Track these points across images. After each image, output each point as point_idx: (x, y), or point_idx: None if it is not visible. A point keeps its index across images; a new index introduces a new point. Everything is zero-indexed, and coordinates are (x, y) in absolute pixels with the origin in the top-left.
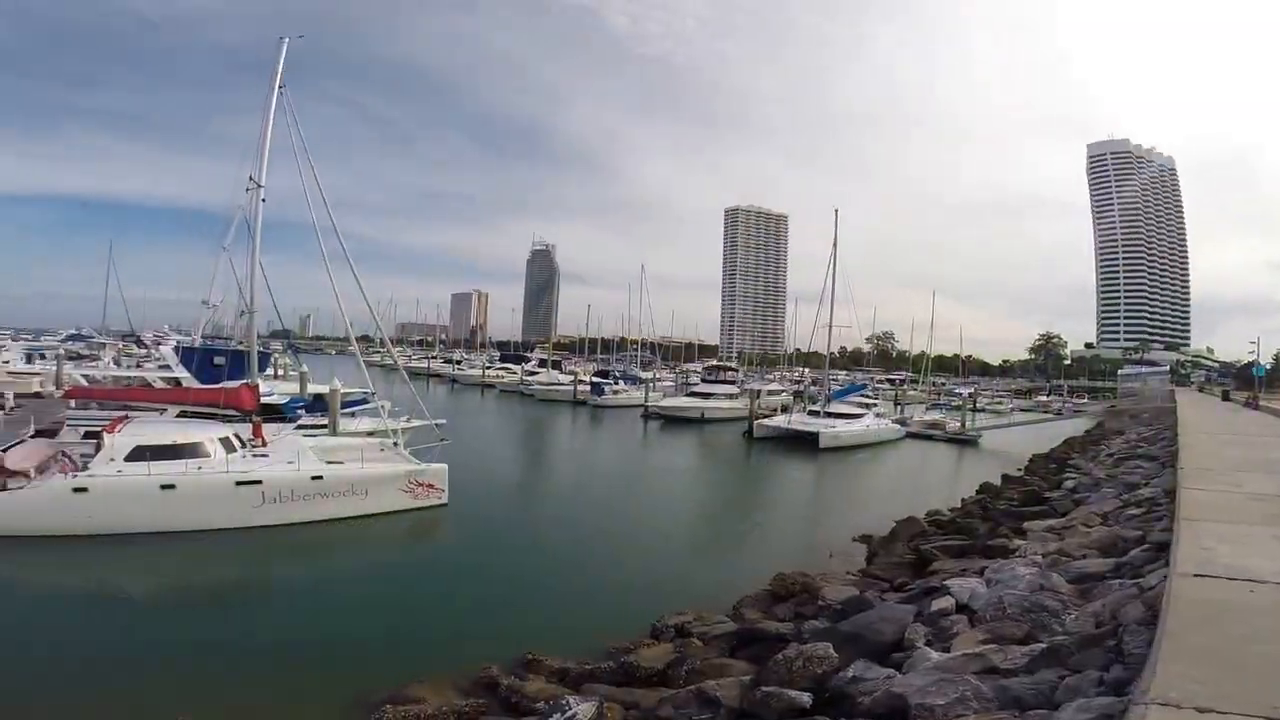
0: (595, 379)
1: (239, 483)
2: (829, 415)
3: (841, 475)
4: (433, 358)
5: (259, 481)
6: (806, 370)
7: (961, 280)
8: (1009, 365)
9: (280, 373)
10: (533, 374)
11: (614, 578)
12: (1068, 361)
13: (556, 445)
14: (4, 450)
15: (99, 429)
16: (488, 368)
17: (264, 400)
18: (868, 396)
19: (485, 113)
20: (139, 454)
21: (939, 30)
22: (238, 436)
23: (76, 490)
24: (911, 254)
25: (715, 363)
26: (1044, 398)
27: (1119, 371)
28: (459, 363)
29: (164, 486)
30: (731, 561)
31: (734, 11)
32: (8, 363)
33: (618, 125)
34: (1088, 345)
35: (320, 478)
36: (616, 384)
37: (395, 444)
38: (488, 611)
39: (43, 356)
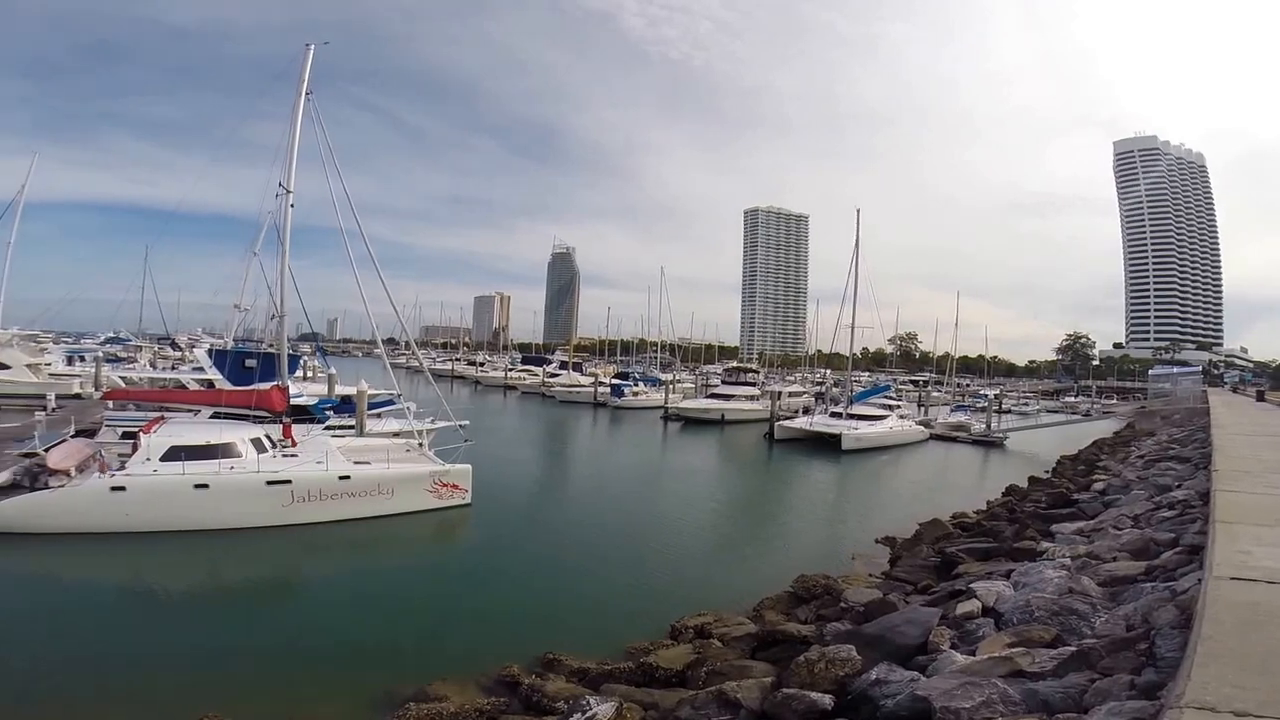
0: (615, 381)
1: (269, 482)
2: (851, 417)
3: (864, 477)
4: (456, 360)
5: (289, 481)
6: (828, 372)
7: (986, 280)
8: (1035, 366)
9: (309, 375)
10: (554, 376)
11: (633, 578)
12: (1096, 362)
13: (577, 446)
14: (46, 450)
15: (136, 429)
16: (510, 370)
17: (293, 401)
18: (891, 398)
19: (506, 117)
20: (174, 454)
21: (957, 28)
22: (268, 437)
23: (114, 489)
24: (935, 253)
25: (736, 364)
26: (1071, 399)
27: (1149, 372)
28: (482, 365)
29: (198, 486)
30: (752, 563)
31: (750, 12)
32: (50, 365)
33: (637, 128)
34: (1116, 345)
35: (348, 478)
36: (636, 386)
37: (420, 445)
38: (509, 611)
39: (82, 359)
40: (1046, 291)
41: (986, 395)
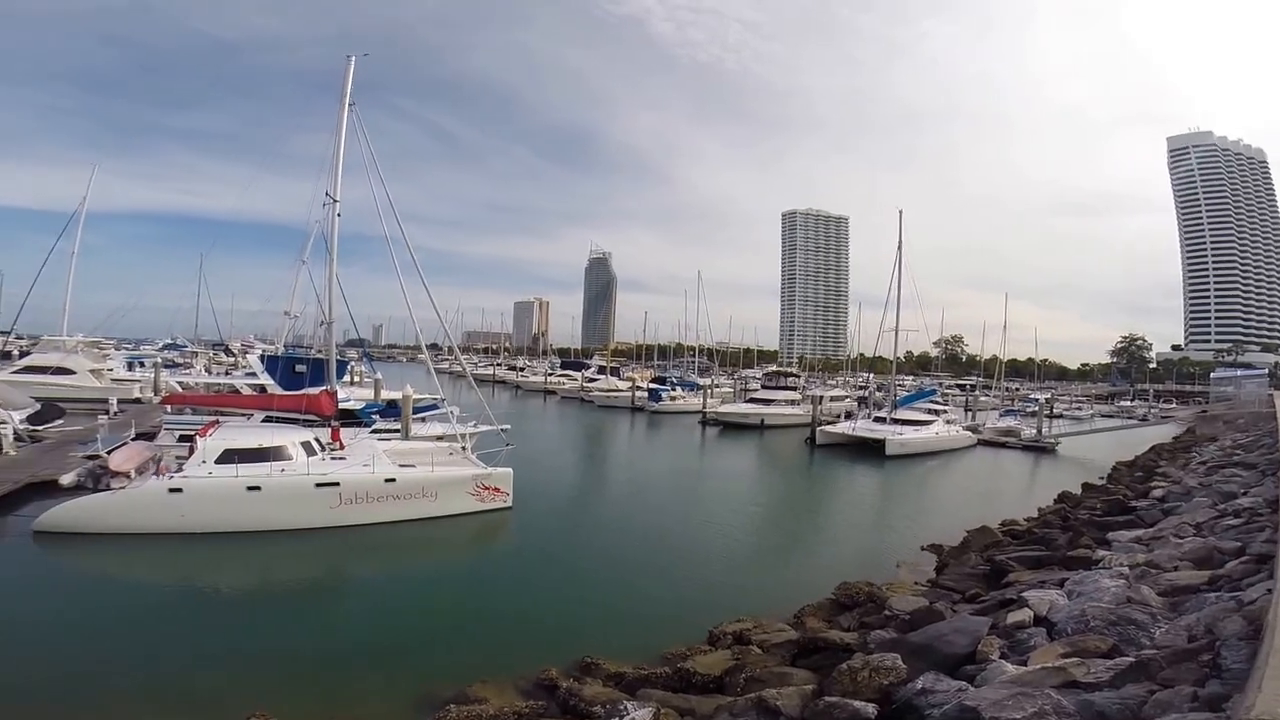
0: (652, 386)
1: (319, 484)
2: (896, 422)
3: (909, 483)
4: (497, 365)
5: (337, 483)
6: (871, 376)
7: (1034, 281)
8: (1088, 369)
9: (356, 379)
10: (592, 381)
11: (672, 583)
12: (1153, 365)
13: (615, 451)
14: (108, 452)
15: (192, 433)
16: (549, 374)
17: (341, 406)
18: (937, 403)
19: (541, 124)
20: (228, 457)
21: (997, 25)
22: (317, 440)
23: (172, 491)
24: (979, 254)
25: (776, 368)
26: (1127, 403)
27: (1211, 375)
28: (522, 370)
29: (250, 488)
30: (792, 569)
31: (780, 13)
32: (112, 370)
33: (671, 132)
34: (1175, 348)
35: (393, 480)
36: (674, 390)
37: (463, 448)
38: (548, 613)
39: (142, 364)
40: (1099, 293)
41: (1037, 399)
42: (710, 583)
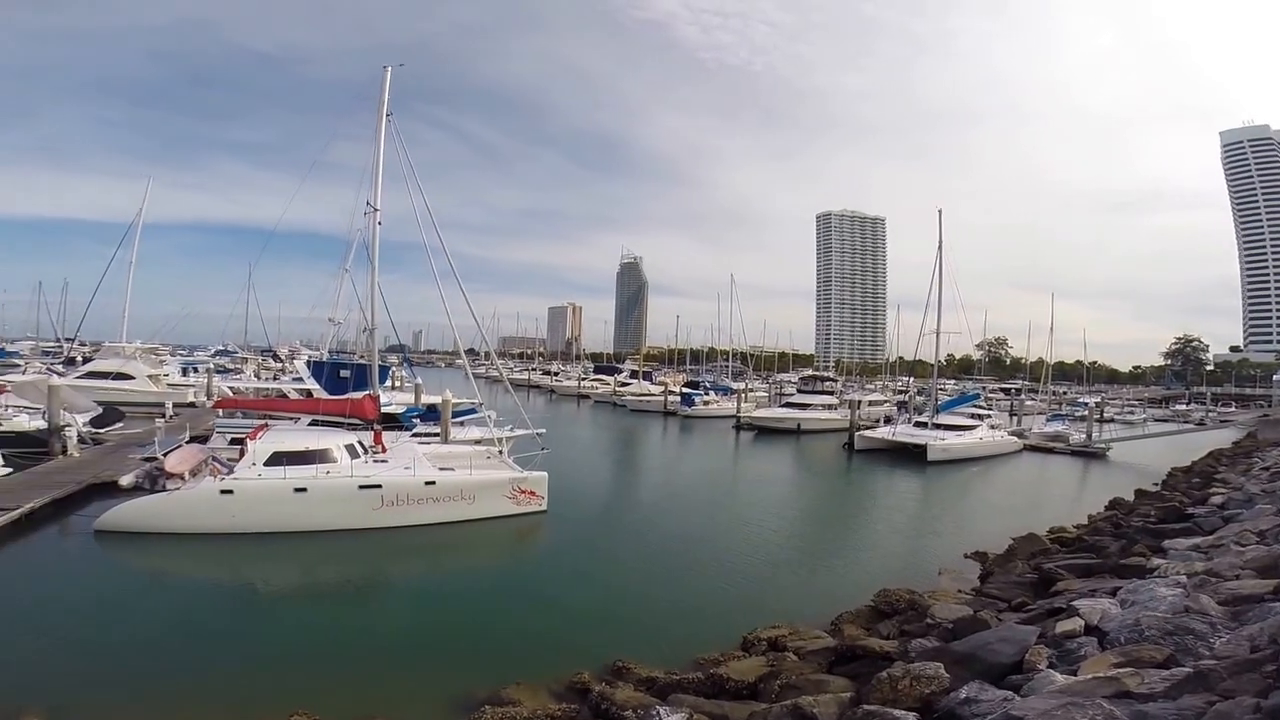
0: (685, 390)
1: (362, 486)
2: (938, 427)
3: (952, 489)
4: (532, 370)
5: (379, 485)
6: (911, 380)
7: (1082, 281)
8: (1140, 372)
9: (397, 384)
10: (624, 385)
11: (705, 588)
12: (1210, 367)
13: (649, 454)
14: (165, 454)
15: (243, 436)
16: (582, 379)
17: (383, 410)
18: (980, 407)
19: (571, 130)
20: (276, 459)
21: (1036, 21)
22: (361, 443)
23: (223, 492)
24: (1024, 254)
25: (812, 372)
26: (1183, 406)
27: (1274, 377)
28: (556, 374)
29: (297, 489)
30: (829, 575)
31: (808, 14)
32: (168, 375)
33: (700, 135)
34: (1234, 349)
35: (433, 483)
36: (707, 395)
37: (500, 452)
38: (582, 616)
39: (195, 370)
40: (1151, 293)
41: (1086, 403)
42: (744, 588)
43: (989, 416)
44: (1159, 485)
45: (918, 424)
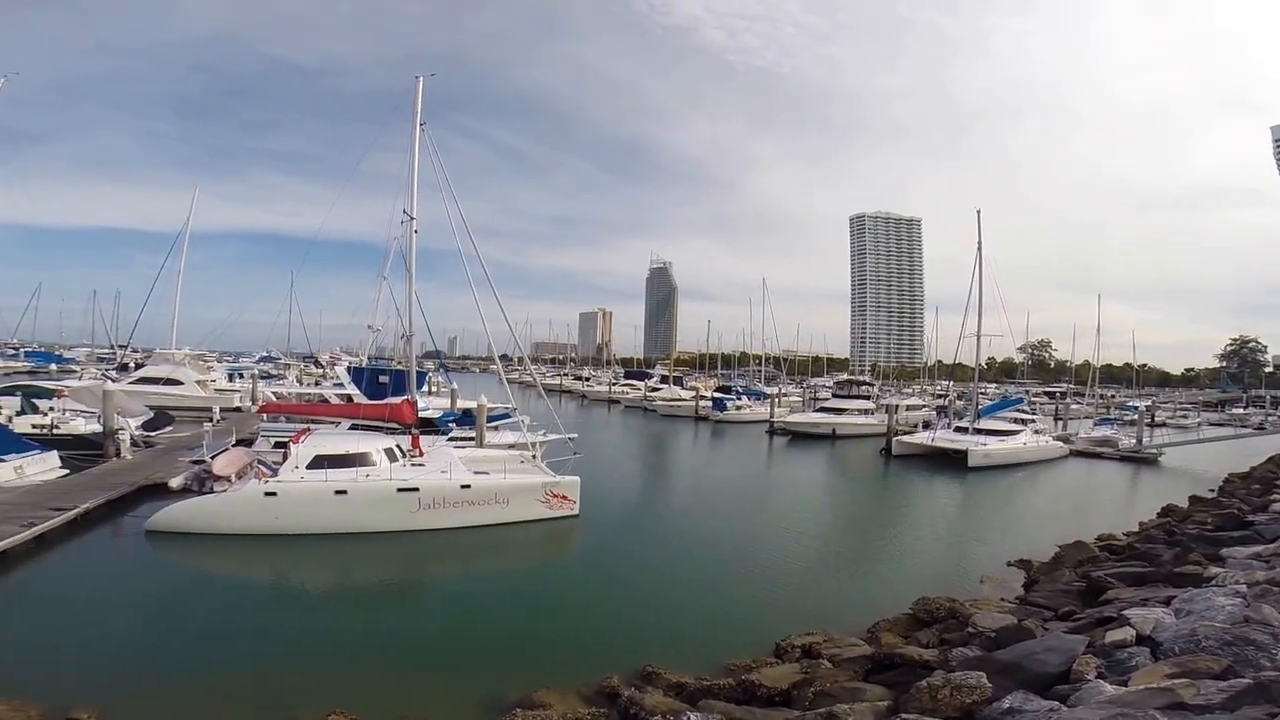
0: (716, 394)
1: (400, 489)
2: (979, 432)
3: (994, 496)
4: (564, 375)
5: (417, 489)
6: (950, 384)
7: (1129, 282)
8: (1194, 375)
9: (434, 390)
10: (655, 390)
11: (737, 593)
12: (1269, 369)
13: (680, 459)
14: (212, 457)
15: (286, 440)
16: (613, 384)
17: (421, 414)
18: (1024, 411)
19: (601, 137)
20: (318, 463)
21: (1075, 18)
22: (399, 447)
23: (268, 494)
24: (1068, 255)
25: (848, 376)
26: (1240, 410)
27: None
28: (587, 380)
29: (338, 492)
30: (866, 582)
31: (835, 15)
32: (215, 380)
33: (729, 139)
34: None
35: (469, 486)
36: (739, 400)
37: (534, 456)
38: (612, 621)
39: (241, 375)
40: (1205, 293)
41: (1136, 407)
42: (777, 594)
43: (1033, 421)
44: (1215, 492)
45: (958, 429)
